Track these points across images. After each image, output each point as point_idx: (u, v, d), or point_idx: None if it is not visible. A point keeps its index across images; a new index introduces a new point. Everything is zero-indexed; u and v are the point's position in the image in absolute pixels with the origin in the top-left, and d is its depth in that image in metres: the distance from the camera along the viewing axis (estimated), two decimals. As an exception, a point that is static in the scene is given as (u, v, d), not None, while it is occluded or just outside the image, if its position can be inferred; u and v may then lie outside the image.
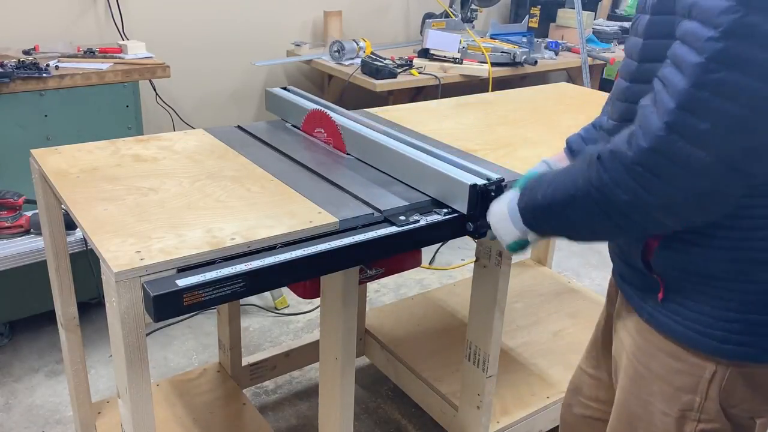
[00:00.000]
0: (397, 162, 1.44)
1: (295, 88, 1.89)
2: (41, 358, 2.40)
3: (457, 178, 1.29)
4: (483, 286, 1.65)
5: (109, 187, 1.34)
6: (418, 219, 1.28)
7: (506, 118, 1.99)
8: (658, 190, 0.85)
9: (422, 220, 1.28)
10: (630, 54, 1.01)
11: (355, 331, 1.37)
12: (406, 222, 1.26)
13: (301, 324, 2.70)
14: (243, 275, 1.07)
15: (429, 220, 1.29)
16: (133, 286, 1.04)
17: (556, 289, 2.57)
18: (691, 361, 1.00)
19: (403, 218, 1.28)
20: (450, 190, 1.31)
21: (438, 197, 1.35)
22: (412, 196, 1.36)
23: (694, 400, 1.01)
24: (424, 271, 3.15)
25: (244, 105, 3.36)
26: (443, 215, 1.31)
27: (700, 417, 1.02)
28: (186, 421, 1.85)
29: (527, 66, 3.21)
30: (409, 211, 1.31)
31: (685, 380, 1.01)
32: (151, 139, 1.63)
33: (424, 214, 1.31)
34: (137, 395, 1.12)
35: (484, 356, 1.69)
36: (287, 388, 2.33)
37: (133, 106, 2.44)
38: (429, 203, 1.35)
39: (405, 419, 2.21)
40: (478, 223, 1.28)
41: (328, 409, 1.46)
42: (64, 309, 1.63)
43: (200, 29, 3.09)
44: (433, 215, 1.31)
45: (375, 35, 3.48)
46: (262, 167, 1.47)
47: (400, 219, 1.27)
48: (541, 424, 1.98)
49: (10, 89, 2.17)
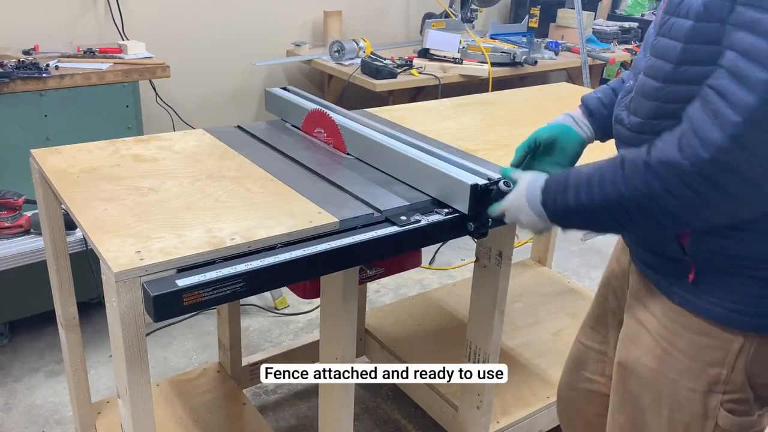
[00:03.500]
0: (398, 162, 1.44)
1: (295, 88, 1.89)
2: (41, 358, 2.40)
3: (458, 178, 1.29)
4: (483, 286, 1.65)
5: (109, 187, 1.34)
6: (419, 219, 1.28)
7: (506, 118, 1.99)
8: (717, 198, 0.88)
9: (423, 220, 1.28)
10: (660, 54, 1.01)
11: (355, 331, 1.37)
12: (407, 222, 1.26)
13: (301, 324, 2.70)
14: (243, 275, 1.07)
15: (430, 220, 1.29)
16: (133, 286, 1.04)
17: (556, 289, 2.57)
18: (721, 337, 1.04)
19: (404, 218, 1.27)
20: (451, 190, 1.31)
21: (439, 197, 1.35)
22: (413, 196, 1.36)
23: (721, 373, 1.05)
24: (424, 271, 3.15)
25: (244, 105, 3.36)
26: (444, 215, 1.31)
27: (725, 389, 1.06)
28: (186, 421, 1.85)
29: (527, 66, 3.21)
30: (409, 211, 1.31)
31: (714, 355, 1.05)
32: (151, 139, 1.63)
33: (425, 214, 1.30)
34: (137, 395, 1.12)
35: (484, 356, 1.69)
36: (287, 388, 2.33)
37: (133, 106, 2.44)
38: (429, 203, 1.35)
39: (405, 419, 2.21)
40: (479, 222, 1.28)
41: (328, 409, 1.46)
42: (64, 309, 1.63)
43: (200, 29, 3.09)
44: (434, 215, 1.31)
45: (375, 35, 3.48)
46: (262, 167, 1.47)
47: (401, 219, 1.27)
48: (541, 424, 1.98)
49: (10, 89, 2.17)
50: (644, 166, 0.92)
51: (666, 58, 0.99)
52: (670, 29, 0.99)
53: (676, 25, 0.97)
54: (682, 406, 1.09)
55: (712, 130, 0.85)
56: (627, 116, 1.10)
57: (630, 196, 0.94)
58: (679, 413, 1.10)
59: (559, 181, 1.07)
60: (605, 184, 0.97)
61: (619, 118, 1.13)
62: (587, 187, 1.00)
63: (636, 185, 0.93)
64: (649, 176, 0.91)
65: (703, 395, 1.07)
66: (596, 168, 1.01)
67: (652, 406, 1.14)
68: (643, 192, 0.92)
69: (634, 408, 1.18)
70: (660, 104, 1.00)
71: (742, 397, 1.06)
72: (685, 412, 1.10)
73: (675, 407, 1.11)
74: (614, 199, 0.96)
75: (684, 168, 0.88)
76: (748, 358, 1.04)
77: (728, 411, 1.07)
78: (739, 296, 1.02)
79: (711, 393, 1.07)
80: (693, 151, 0.87)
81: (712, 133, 0.85)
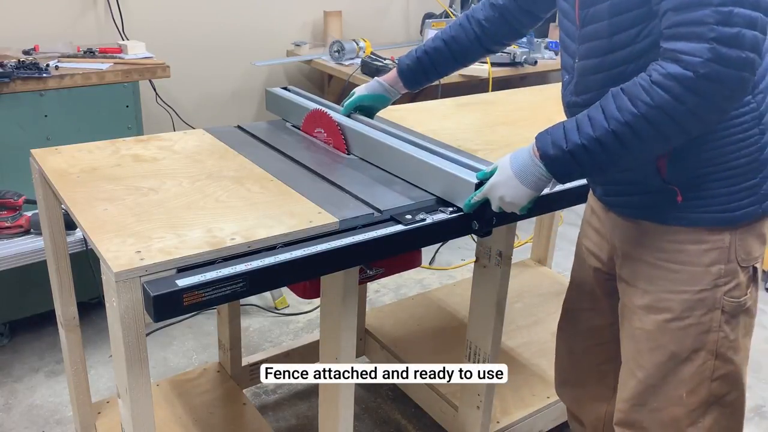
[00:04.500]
0: (401, 161, 1.44)
1: (295, 88, 1.89)
2: (41, 358, 2.40)
3: (462, 177, 1.30)
4: (483, 286, 1.65)
5: (109, 187, 1.34)
6: (424, 217, 1.28)
7: (506, 118, 1.99)
8: (718, 96, 1.01)
9: (428, 218, 1.29)
10: (591, 37, 1.19)
11: (355, 331, 1.37)
12: (413, 220, 1.27)
13: (301, 324, 2.70)
14: (243, 275, 1.07)
15: (435, 218, 1.29)
16: (133, 286, 1.04)
17: (556, 289, 2.57)
18: (714, 239, 1.22)
19: (410, 217, 1.28)
20: (455, 189, 1.32)
21: (443, 195, 1.35)
22: (413, 196, 1.36)
23: (721, 268, 1.23)
24: (424, 271, 3.15)
25: (244, 105, 3.36)
26: (449, 214, 1.32)
27: (726, 280, 1.23)
28: (186, 421, 1.85)
29: (527, 66, 3.21)
30: (411, 210, 1.31)
31: (712, 255, 1.23)
32: (151, 139, 1.63)
33: (429, 212, 1.31)
34: (137, 395, 1.12)
35: (484, 356, 1.69)
36: (287, 388, 2.33)
37: (133, 106, 2.44)
38: (432, 202, 1.35)
39: (405, 419, 2.21)
40: (483, 221, 1.30)
41: (328, 409, 1.46)
42: (64, 309, 1.63)
43: (200, 29, 3.08)
44: (438, 214, 1.31)
45: (375, 35, 3.48)
46: (262, 167, 1.47)
47: (406, 218, 1.27)
48: (541, 424, 1.98)
49: (10, 89, 2.17)
50: (649, 85, 1.03)
51: (597, 37, 1.17)
52: (593, 16, 1.17)
53: (596, 11, 1.16)
54: (694, 308, 1.25)
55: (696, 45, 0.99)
56: (577, 97, 1.26)
57: (640, 113, 1.03)
58: (691, 317, 1.25)
59: (551, 133, 1.14)
60: (611, 111, 1.06)
61: (572, 102, 1.29)
62: (591, 120, 1.09)
63: (644, 100, 1.03)
64: (654, 93, 1.02)
65: (710, 292, 1.24)
66: (589, 110, 1.11)
67: (664, 324, 1.28)
68: (652, 105, 1.02)
69: (647, 332, 1.31)
70: (606, 74, 1.18)
71: (739, 281, 1.25)
72: (697, 312, 1.25)
73: (686, 314, 1.26)
74: (625, 120, 1.05)
75: (686, 75, 0.99)
76: (736, 247, 1.23)
77: (730, 297, 1.25)
78: (720, 199, 1.20)
79: (716, 288, 1.24)
80: (691, 65, 0.99)
81: (699, 47, 0.98)
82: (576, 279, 1.58)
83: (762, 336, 2.68)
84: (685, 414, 1.30)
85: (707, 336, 1.26)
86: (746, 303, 1.28)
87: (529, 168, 1.17)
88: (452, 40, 1.56)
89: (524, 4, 1.53)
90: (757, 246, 1.26)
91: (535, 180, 1.17)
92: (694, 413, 1.30)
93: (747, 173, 1.20)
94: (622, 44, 1.15)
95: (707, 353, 1.27)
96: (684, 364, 1.28)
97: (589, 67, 1.22)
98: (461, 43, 1.56)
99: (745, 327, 1.29)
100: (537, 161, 1.15)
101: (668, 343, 1.29)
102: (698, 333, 1.26)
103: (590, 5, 1.18)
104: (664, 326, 1.28)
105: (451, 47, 1.56)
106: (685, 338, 1.27)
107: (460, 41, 1.56)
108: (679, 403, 1.30)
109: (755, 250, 1.26)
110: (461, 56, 1.58)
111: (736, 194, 1.20)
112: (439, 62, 1.58)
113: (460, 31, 1.56)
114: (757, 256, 1.28)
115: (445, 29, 1.59)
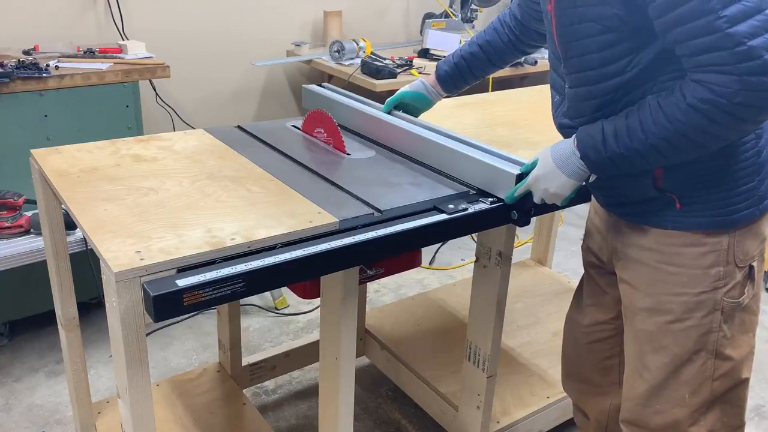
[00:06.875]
0: (443, 154, 1.50)
1: (330, 85, 1.92)
2: (41, 358, 2.40)
3: (504, 169, 1.35)
4: (483, 286, 1.65)
5: (109, 187, 1.34)
6: (466, 207, 1.34)
7: (506, 118, 1.99)
8: (751, 114, 1.05)
9: (471, 208, 1.34)
10: (580, 69, 1.22)
11: (355, 331, 1.37)
12: (455, 210, 1.32)
13: (301, 324, 2.70)
14: (243, 275, 1.07)
15: (476, 208, 1.35)
16: (133, 286, 1.04)
17: (556, 289, 2.57)
18: (712, 241, 1.24)
19: (452, 206, 1.33)
20: (496, 180, 1.37)
21: (482, 186, 1.41)
22: (414, 196, 1.36)
23: (720, 270, 1.26)
24: (424, 271, 3.15)
25: (244, 105, 3.36)
26: (489, 204, 1.36)
27: (725, 282, 1.26)
28: (186, 421, 1.85)
29: (527, 66, 3.21)
30: (413, 211, 1.32)
31: (710, 258, 1.25)
32: (151, 139, 1.63)
33: (471, 202, 1.37)
34: (137, 395, 1.12)
35: (484, 356, 1.69)
36: (287, 388, 2.33)
37: (133, 106, 2.44)
38: (430, 204, 1.35)
39: (405, 419, 2.21)
40: (522, 211, 1.37)
41: (328, 409, 1.46)
42: (64, 309, 1.63)
43: (200, 29, 3.08)
44: (479, 204, 1.37)
45: (375, 35, 3.48)
46: (262, 167, 1.47)
47: (449, 207, 1.33)
48: (541, 424, 1.98)
49: (10, 89, 2.17)
50: (685, 107, 1.07)
51: (585, 69, 1.21)
52: (576, 48, 1.20)
53: (580, 45, 1.19)
54: (694, 310, 1.27)
55: (727, 79, 1.02)
56: (571, 121, 1.29)
57: (675, 130, 1.09)
58: (692, 319, 1.27)
59: (592, 135, 1.20)
60: (648, 126, 1.12)
61: (565, 124, 1.32)
62: (628, 131, 1.14)
63: (681, 120, 1.08)
64: (690, 114, 1.07)
65: (710, 294, 1.26)
66: (627, 118, 1.15)
67: (665, 325, 1.30)
68: (689, 125, 1.08)
69: (649, 334, 1.33)
70: (599, 101, 1.21)
71: (737, 281, 1.27)
72: (697, 314, 1.27)
73: (686, 315, 1.28)
74: (664, 136, 1.11)
75: (720, 102, 1.03)
76: (735, 249, 1.25)
77: (729, 298, 1.27)
78: (718, 203, 1.22)
79: (715, 290, 1.26)
80: (723, 92, 1.03)
81: (728, 80, 1.02)
82: (584, 275, 1.61)
83: (762, 336, 2.68)
84: (687, 415, 1.31)
85: (708, 337, 1.28)
86: (744, 301, 1.30)
87: (571, 159, 1.23)
88: (487, 45, 1.62)
89: (529, 22, 1.58)
90: (755, 245, 1.29)
91: (576, 170, 1.23)
92: (696, 413, 1.31)
93: (744, 177, 1.22)
94: (611, 75, 1.18)
95: (707, 353, 1.29)
96: (686, 365, 1.29)
97: (581, 94, 1.25)
98: (496, 46, 1.62)
99: (742, 323, 1.31)
100: (579, 155, 1.22)
101: (670, 344, 1.30)
102: (699, 334, 1.28)
103: (573, 40, 1.20)
104: (665, 328, 1.30)
105: (487, 51, 1.62)
106: (687, 340, 1.29)
107: (495, 45, 1.62)
108: (683, 404, 1.31)
109: (753, 249, 1.28)
110: (497, 59, 1.64)
111: (733, 198, 1.23)
112: (475, 66, 1.65)
113: (495, 35, 1.62)
114: (755, 255, 1.30)
115: (480, 34, 1.65)
